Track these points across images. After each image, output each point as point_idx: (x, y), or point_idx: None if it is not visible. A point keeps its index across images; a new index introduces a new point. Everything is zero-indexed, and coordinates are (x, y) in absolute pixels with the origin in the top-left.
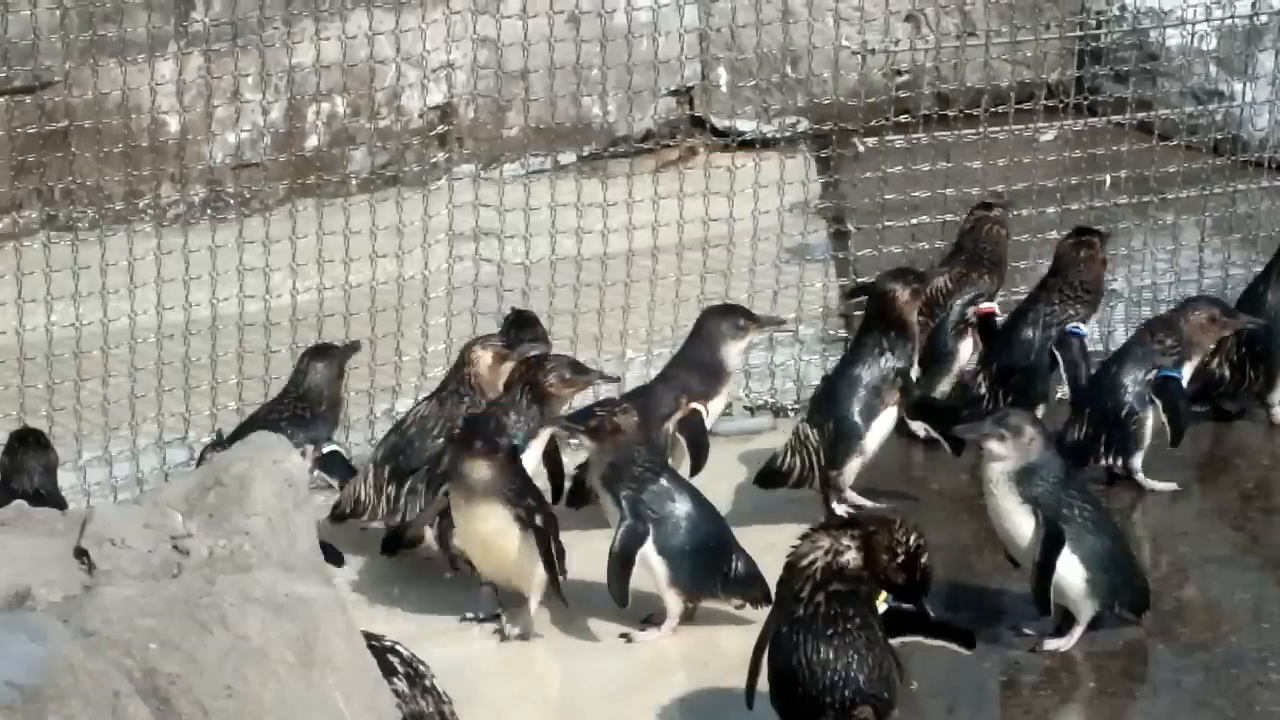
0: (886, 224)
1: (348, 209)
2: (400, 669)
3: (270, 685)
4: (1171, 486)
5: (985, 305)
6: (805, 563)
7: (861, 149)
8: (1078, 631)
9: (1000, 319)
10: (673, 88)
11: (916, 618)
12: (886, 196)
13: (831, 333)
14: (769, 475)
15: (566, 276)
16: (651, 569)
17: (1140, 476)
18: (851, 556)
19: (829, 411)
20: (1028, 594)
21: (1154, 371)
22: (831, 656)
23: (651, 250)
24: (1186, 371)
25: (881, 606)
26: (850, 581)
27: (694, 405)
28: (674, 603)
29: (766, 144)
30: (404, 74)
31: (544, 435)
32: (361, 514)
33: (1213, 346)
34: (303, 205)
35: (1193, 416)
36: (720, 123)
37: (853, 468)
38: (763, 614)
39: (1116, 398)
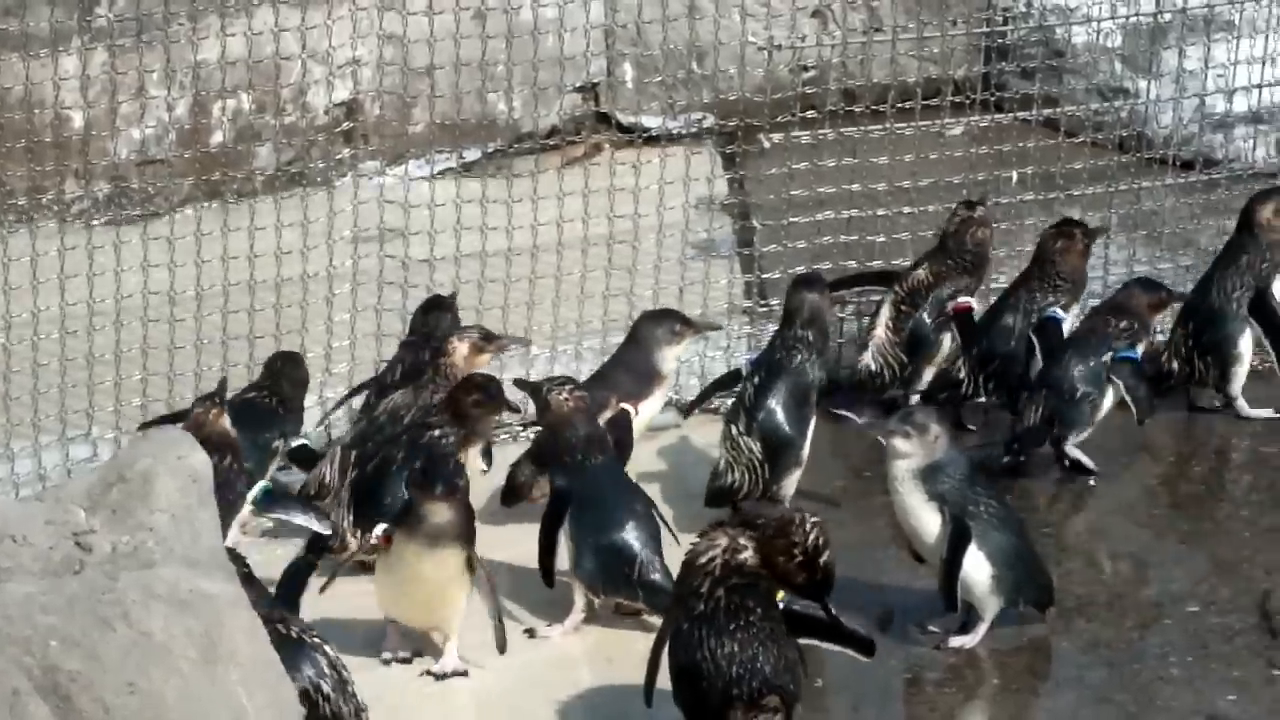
0: (792, 220)
1: (253, 205)
2: (328, 671)
3: (173, 682)
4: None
5: (963, 300)
6: (704, 560)
7: (767, 145)
8: (982, 628)
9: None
10: (578, 84)
11: (815, 620)
12: (792, 192)
13: (736, 329)
14: (717, 494)
15: (471, 273)
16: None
17: (1076, 453)
18: (749, 555)
19: (767, 424)
20: (931, 591)
21: (1109, 354)
22: (736, 649)
23: (556, 246)
24: (1140, 351)
25: (780, 602)
26: (748, 577)
27: (624, 405)
28: (579, 596)
29: (672, 140)
30: (309, 70)
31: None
32: (325, 496)
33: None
34: (208, 202)
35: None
36: (626, 119)
37: (793, 479)
38: None
39: (1072, 381)
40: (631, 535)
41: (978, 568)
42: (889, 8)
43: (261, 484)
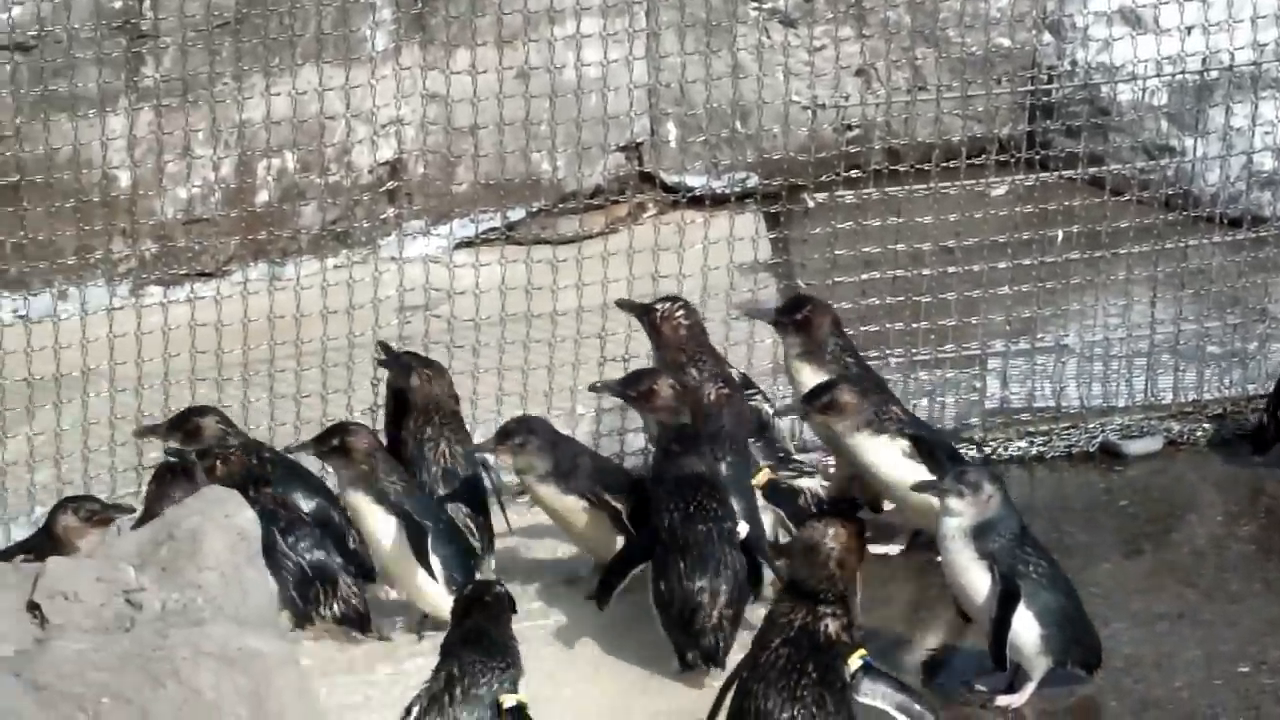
0: (837, 280)
1: (298, 264)
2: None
3: None
4: None
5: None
6: (783, 620)
7: (811, 204)
8: (1030, 687)
9: None
10: (622, 143)
11: (887, 684)
12: (837, 252)
13: (781, 390)
14: None
15: (516, 333)
16: None
17: None
18: (830, 626)
19: None
20: (979, 649)
21: None
22: (778, 706)
23: (601, 307)
24: None
25: (856, 663)
26: (823, 643)
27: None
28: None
29: (716, 200)
30: (354, 130)
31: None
32: None
33: None
34: (254, 262)
35: None
36: (670, 178)
37: None
38: None
39: None
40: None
41: (1027, 627)
42: (933, 67)
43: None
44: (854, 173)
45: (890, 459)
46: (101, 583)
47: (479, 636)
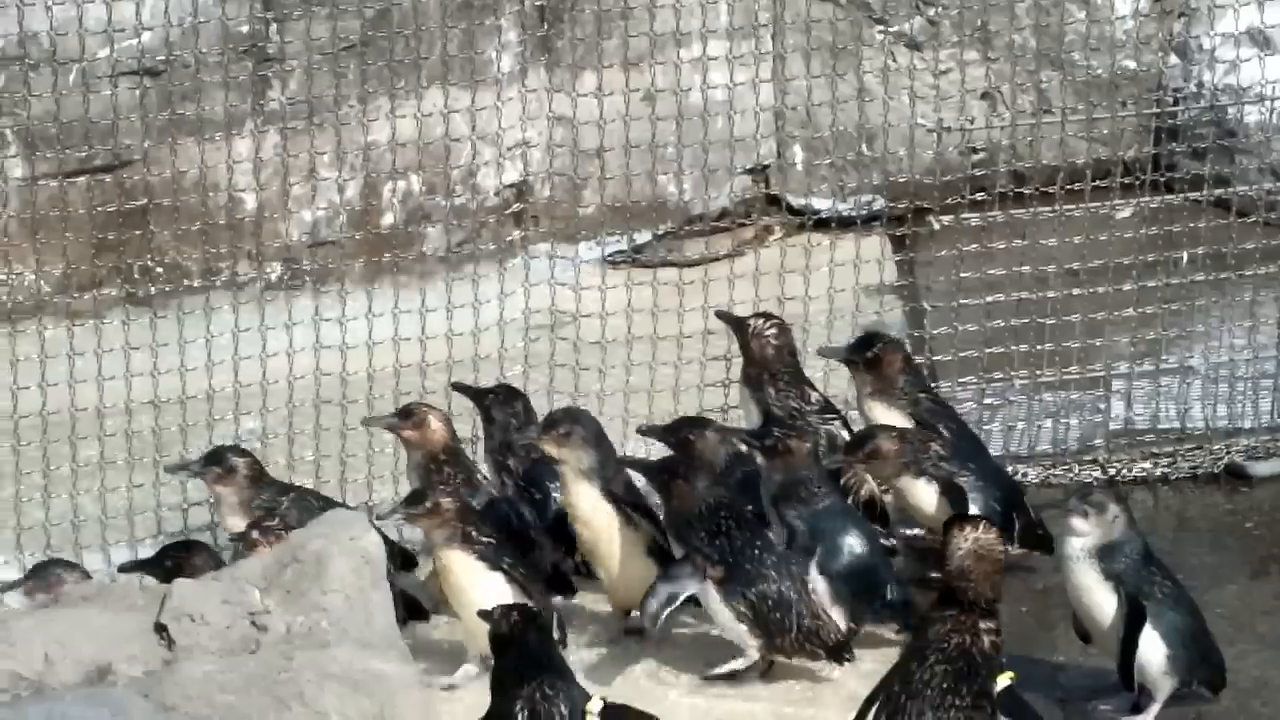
0: (962, 302)
1: (423, 287)
2: None
3: None
4: None
5: None
6: (941, 634)
7: (937, 227)
8: (1155, 708)
9: None
10: (748, 166)
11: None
12: (962, 274)
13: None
14: None
15: (642, 355)
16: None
17: None
18: (987, 640)
19: None
20: (1103, 669)
21: None
22: None
23: (727, 331)
24: None
25: (1004, 683)
26: (976, 664)
27: None
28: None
29: (842, 222)
30: (479, 152)
31: None
32: None
33: None
34: (378, 283)
35: None
36: (796, 201)
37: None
38: None
39: None
40: (877, 561)
41: (1153, 648)
42: (1058, 90)
43: None
44: (979, 195)
45: (931, 500)
46: (227, 605)
47: (547, 658)
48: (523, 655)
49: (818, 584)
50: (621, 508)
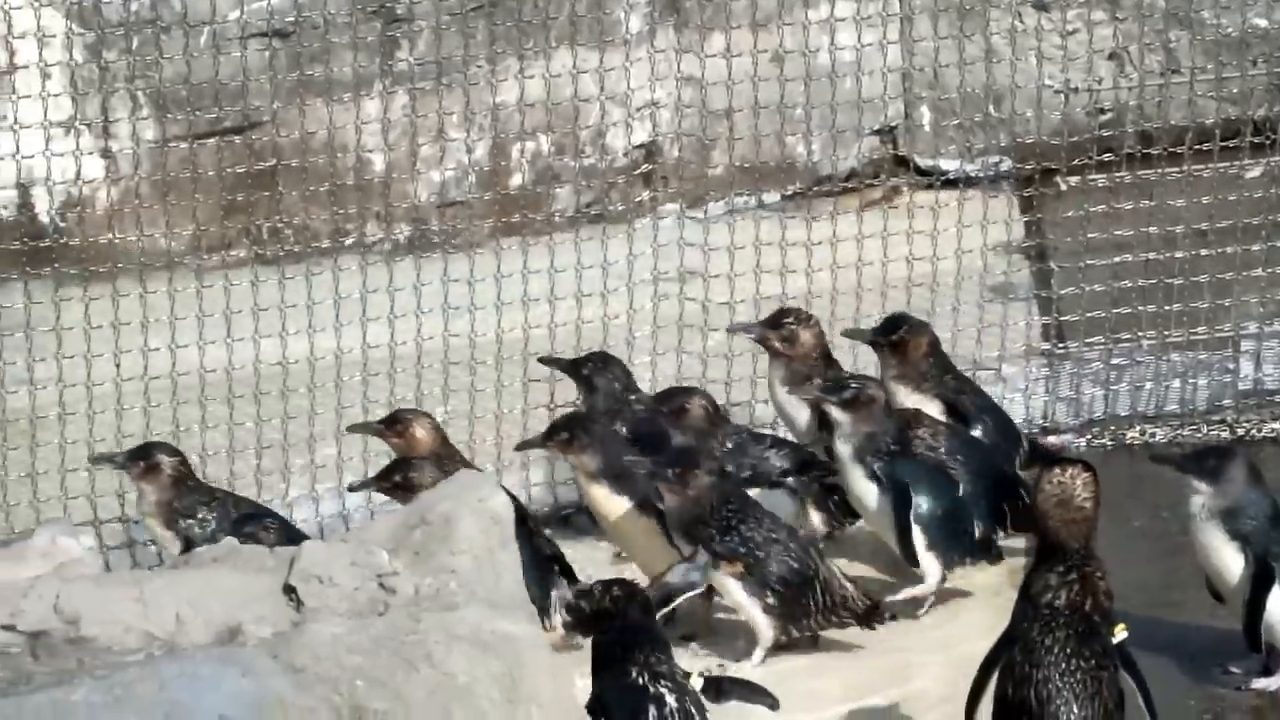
0: (1090, 263)
1: (553, 247)
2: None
3: None
4: None
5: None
6: (1050, 591)
7: (1064, 188)
8: None
9: None
10: (876, 127)
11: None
12: (1089, 235)
13: (1034, 372)
14: None
15: None
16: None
17: None
18: (1102, 586)
19: None
20: (1231, 631)
21: None
22: (1060, 694)
23: (855, 289)
24: None
25: (1120, 635)
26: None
27: None
28: (933, 568)
29: (969, 183)
30: (608, 112)
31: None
32: None
33: None
34: (507, 243)
35: None
36: (923, 162)
37: None
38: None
39: None
40: (960, 500)
41: None
42: (1187, 49)
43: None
44: (1107, 156)
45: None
46: (356, 567)
47: (650, 631)
48: (627, 629)
49: (916, 534)
50: (637, 501)
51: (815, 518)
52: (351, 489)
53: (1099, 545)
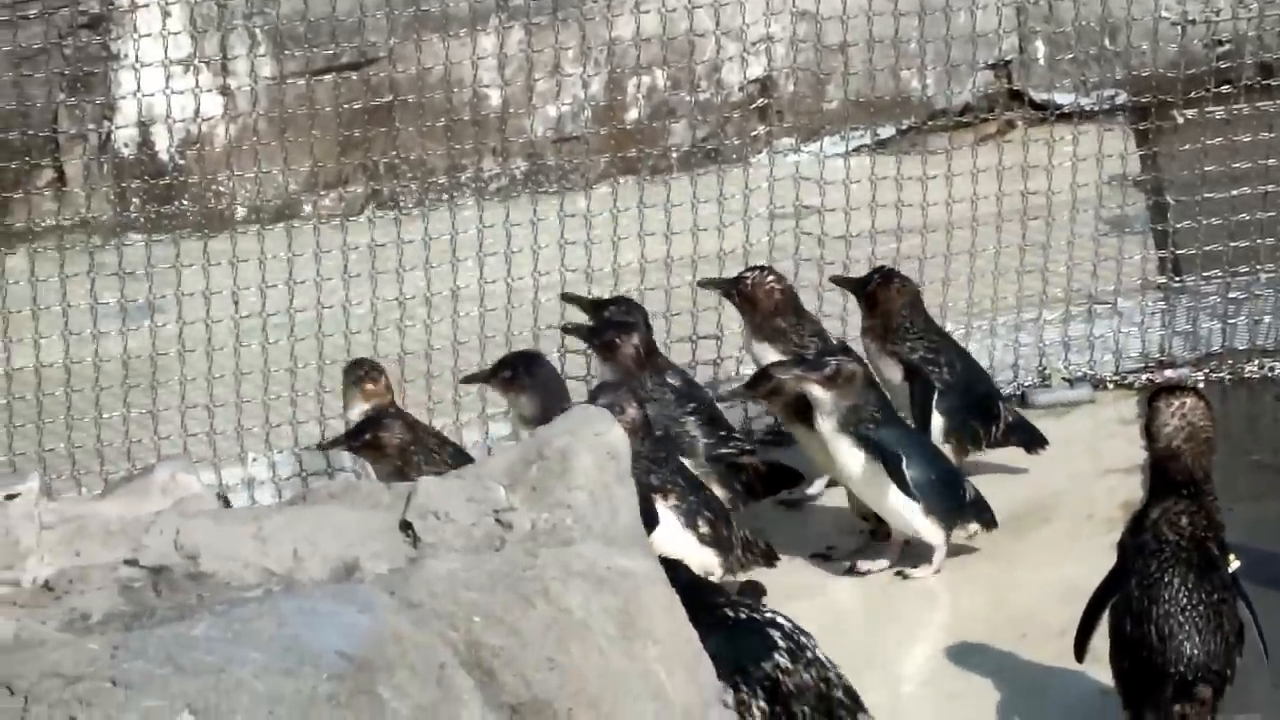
0: (1206, 196)
1: (669, 182)
2: (782, 643)
3: (592, 658)
4: None
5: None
6: (1167, 525)
7: (1180, 120)
8: None
9: None
10: (990, 61)
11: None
12: (1206, 168)
13: (1149, 305)
14: None
15: (886, 250)
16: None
17: None
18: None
19: None
20: None
21: None
22: (1181, 628)
23: (970, 223)
24: None
25: (1234, 565)
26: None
27: None
28: (934, 534)
29: (1084, 116)
30: (724, 47)
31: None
32: None
33: None
34: (623, 179)
35: None
36: (1038, 96)
37: None
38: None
39: None
40: (949, 465)
41: None
42: None
43: None
44: (1224, 88)
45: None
46: (472, 503)
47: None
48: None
49: (910, 502)
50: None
51: (719, 493)
52: (320, 448)
53: (1217, 479)
